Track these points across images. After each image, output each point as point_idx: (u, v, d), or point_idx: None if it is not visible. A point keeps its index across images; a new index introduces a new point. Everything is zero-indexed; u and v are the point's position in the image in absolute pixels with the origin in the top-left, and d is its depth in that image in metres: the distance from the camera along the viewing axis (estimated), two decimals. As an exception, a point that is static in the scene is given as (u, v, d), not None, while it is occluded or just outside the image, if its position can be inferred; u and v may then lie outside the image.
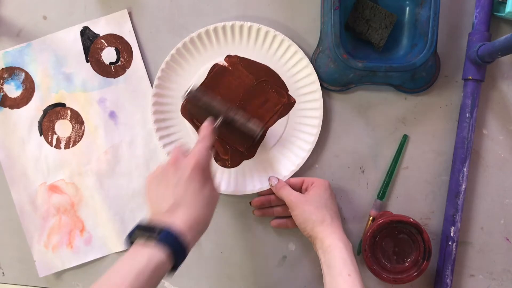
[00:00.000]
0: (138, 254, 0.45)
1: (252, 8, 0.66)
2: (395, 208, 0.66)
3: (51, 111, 0.67)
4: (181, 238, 0.46)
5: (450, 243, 0.63)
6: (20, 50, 0.67)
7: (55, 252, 0.67)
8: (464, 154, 0.62)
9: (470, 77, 0.62)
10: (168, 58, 0.64)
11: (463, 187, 0.63)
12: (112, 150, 0.67)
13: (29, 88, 0.67)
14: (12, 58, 0.67)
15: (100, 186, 0.67)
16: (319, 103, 0.64)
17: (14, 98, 0.68)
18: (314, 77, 0.63)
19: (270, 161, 0.65)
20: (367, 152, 0.66)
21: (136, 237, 0.47)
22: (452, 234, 0.63)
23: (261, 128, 0.58)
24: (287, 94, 0.64)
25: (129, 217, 0.67)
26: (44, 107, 0.67)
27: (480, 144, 0.65)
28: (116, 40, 0.67)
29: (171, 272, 0.48)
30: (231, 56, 0.64)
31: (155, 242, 0.45)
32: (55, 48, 0.67)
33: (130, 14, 0.66)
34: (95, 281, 0.44)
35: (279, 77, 0.64)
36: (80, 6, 0.67)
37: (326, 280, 0.54)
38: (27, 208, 0.67)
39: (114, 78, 0.67)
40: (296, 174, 0.64)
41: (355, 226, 0.66)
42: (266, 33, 0.63)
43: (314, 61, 0.64)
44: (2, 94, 0.68)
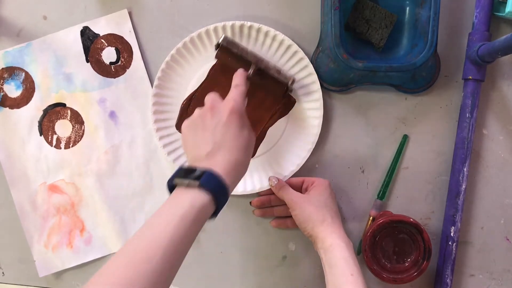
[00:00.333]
0: (181, 198, 0.45)
1: (252, 8, 0.66)
2: (395, 208, 0.66)
3: (51, 111, 0.67)
4: (223, 181, 0.46)
5: (450, 243, 0.63)
6: (20, 50, 0.67)
7: (55, 252, 0.67)
8: (464, 154, 0.62)
9: (470, 77, 0.62)
10: (168, 58, 0.64)
11: (463, 187, 0.63)
12: (112, 150, 0.67)
13: (29, 88, 0.67)
14: (12, 58, 0.67)
15: (100, 186, 0.67)
16: (319, 103, 0.63)
17: (14, 98, 0.68)
18: (314, 77, 0.63)
19: (270, 161, 0.65)
20: (367, 152, 0.66)
21: (177, 182, 0.46)
22: (452, 234, 0.63)
23: (292, 77, 0.59)
24: (287, 93, 0.64)
25: (129, 217, 0.67)
26: (44, 107, 0.67)
27: (480, 144, 0.65)
28: (116, 40, 0.67)
29: (213, 217, 0.47)
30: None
31: (197, 185, 0.45)
32: (55, 48, 0.67)
33: (130, 14, 0.66)
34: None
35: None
36: (80, 6, 0.67)
37: (328, 280, 0.54)
38: (27, 208, 0.67)
39: (114, 78, 0.67)
40: (296, 174, 0.64)
41: (355, 226, 0.66)
42: (266, 33, 0.63)
43: (314, 61, 0.64)
44: (2, 94, 0.68)
